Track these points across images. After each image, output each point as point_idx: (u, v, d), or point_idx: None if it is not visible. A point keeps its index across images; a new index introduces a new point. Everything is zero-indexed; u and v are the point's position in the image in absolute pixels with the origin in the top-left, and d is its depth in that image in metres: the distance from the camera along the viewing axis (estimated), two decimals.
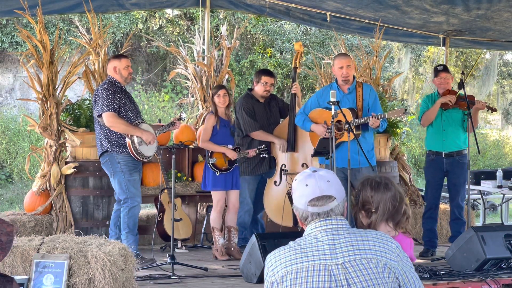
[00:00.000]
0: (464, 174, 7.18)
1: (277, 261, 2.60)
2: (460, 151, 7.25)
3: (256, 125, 7.37)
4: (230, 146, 7.08)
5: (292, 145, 7.37)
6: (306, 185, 2.65)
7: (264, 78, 7.45)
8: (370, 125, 6.53)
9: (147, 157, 6.66)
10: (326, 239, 2.59)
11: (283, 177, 7.33)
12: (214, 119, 7.06)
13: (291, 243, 2.64)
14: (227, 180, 7.04)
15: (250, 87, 7.75)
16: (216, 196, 7.05)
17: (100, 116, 6.54)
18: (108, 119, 6.49)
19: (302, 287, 2.52)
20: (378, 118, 6.48)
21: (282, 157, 7.40)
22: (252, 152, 7.15)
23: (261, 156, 7.25)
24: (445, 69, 7.46)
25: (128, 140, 6.53)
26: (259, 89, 7.47)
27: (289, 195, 6.84)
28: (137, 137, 6.55)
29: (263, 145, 7.21)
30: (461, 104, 7.18)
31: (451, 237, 7.32)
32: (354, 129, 6.41)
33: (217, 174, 6.99)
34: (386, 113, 6.54)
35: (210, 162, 6.99)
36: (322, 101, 6.82)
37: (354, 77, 6.92)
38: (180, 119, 7.16)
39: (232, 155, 7.02)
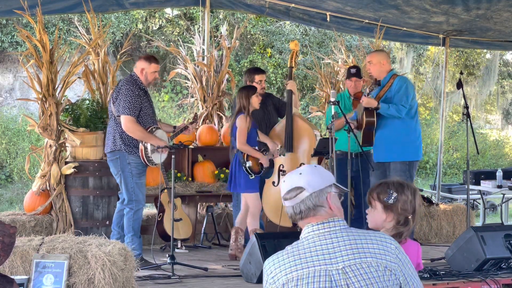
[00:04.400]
0: None
1: (276, 268, 2.57)
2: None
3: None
4: (256, 148, 7.02)
5: (289, 146, 7.34)
6: (284, 181, 2.73)
7: (258, 77, 7.41)
8: (364, 105, 6.58)
9: (155, 164, 6.64)
10: (324, 243, 2.57)
11: (281, 177, 7.31)
12: (249, 120, 6.87)
13: (288, 247, 2.61)
14: (257, 183, 7.00)
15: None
16: (253, 199, 6.93)
17: (119, 116, 6.54)
18: (127, 124, 6.46)
19: None
20: (365, 96, 6.61)
21: (281, 158, 7.38)
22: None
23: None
24: (357, 73, 7.68)
25: (141, 146, 6.50)
26: None
27: None
28: (151, 144, 6.53)
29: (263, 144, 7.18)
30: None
31: None
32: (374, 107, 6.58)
33: (251, 177, 6.91)
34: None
35: (247, 166, 6.88)
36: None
37: (392, 70, 6.97)
38: (194, 121, 7.15)
39: (265, 161, 6.91)
